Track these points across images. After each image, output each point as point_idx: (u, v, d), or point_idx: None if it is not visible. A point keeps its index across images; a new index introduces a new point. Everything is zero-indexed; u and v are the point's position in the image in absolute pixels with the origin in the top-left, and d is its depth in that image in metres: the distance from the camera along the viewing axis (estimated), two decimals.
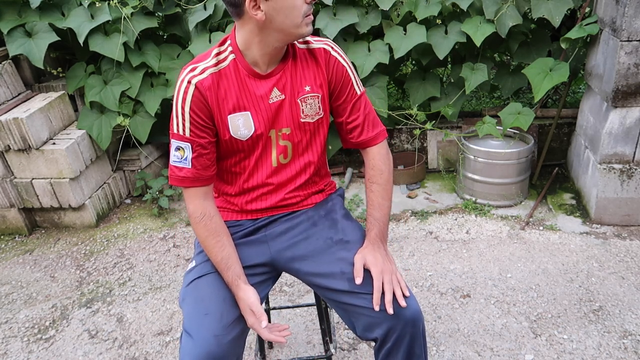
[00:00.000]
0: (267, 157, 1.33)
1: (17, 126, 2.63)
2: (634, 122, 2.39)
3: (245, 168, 1.34)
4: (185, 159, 1.23)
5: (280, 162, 1.34)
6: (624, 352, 1.82)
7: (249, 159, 1.32)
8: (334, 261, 1.31)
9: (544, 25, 2.92)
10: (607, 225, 2.57)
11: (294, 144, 1.33)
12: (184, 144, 1.23)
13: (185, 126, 1.22)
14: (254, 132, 1.27)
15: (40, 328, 2.18)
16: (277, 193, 1.38)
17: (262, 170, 1.34)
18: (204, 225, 1.27)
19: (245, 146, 1.29)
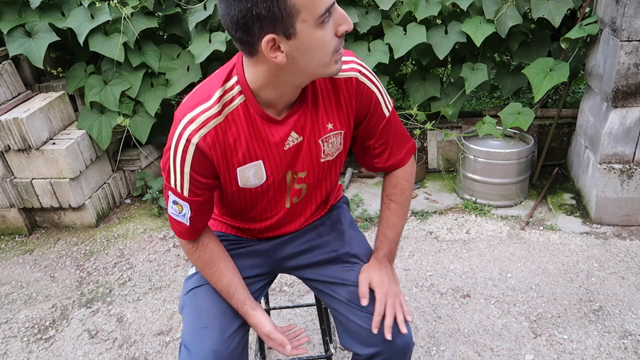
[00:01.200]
0: (280, 200, 1.20)
1: (17, 126, 2.63)
2: (634, 122, 2.39)
3: (254, 208, 1.22)
4: (184, 215, 1.12)
5: (294, 202, 1.23)
6: (624, 352, 1.82)
7: (258, 203, 1.21)
8: (337, 273, 1.27)
9: (544, 25, 2.92)
10: (607, 225, 2.57)
11: (309, 185, 1.20)
12: (182, 203, 1.10)
13: (184, 187, 1.08)
14: (266, 181, 1.12)
15: (40, 328, 2.18)
16: (289, 226, 1.30)
17: (273, 211, 1.24)
18: (198, 257, 1.19)
19: (254, 193, 1.16)
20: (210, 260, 1.19)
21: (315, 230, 1.34)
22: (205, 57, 2.74)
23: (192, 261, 1.22)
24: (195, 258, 1.20)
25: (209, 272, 1.19)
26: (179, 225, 1.14)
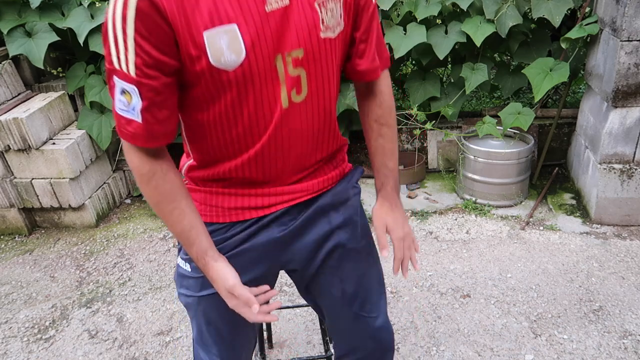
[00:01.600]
0: (273, 95, 0.90)
1: (17, 126, 2.63)
2: (634, 122, 2.39)
3: (237, 119, 0.91)
4: (133, 108, 0.85)
5: (293, 99, 0.92)
6: (624, 352, 1.82)
7: (243, 103, 0.89)
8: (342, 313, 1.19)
9: (544, 25, 2.92)
10: (607, 225, 2.57)
11: (309, 73, 0.92)
12: (130, 87, 0.84)
13: (129, 60, 0.81)
14: (246, 56, 0.84)
15: (40, 328, 2.18)
16: (294, 151, 0.99)
17: (267, 113, 0.92)
18: (155, 187, 0.93)
19: (234, 81, 0.86)
20: (170, 192, 0.94)
21: (335, 235, 1.10)
22: None
23: (146, 194, 0.95)
24: (151, 189, 0.93)
25: (167, 209, 0.95)
26: (129, 125, 0.87)
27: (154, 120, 0.87)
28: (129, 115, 0.86)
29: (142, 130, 0.87)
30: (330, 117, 1.03)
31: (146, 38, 0.80)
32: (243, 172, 0.99)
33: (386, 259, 1.15)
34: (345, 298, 1.14)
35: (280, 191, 1.03)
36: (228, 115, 0.91)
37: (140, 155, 0.91)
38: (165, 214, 0.96)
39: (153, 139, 0.89)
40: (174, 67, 0.84)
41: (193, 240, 0.97)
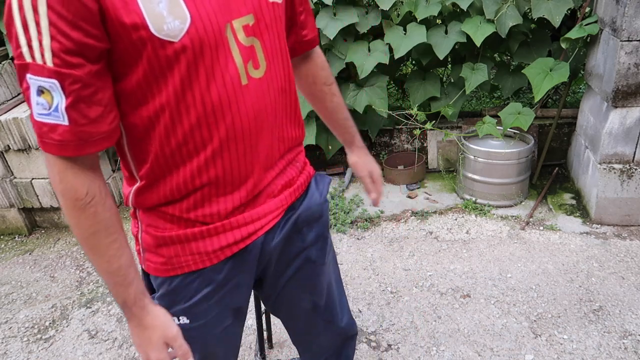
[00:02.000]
0: (227, 69, 0.78)
1: (17, 126, 2.63)
2: (634, 122, 2.39)
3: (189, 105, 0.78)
4: (56, 109, 0.70)
5: (252, 74, 0.82)
6: (624, 352, 1.82)
7: (194, 82, 0.77)
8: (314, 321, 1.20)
9: (544, 25, 2.92)
10: (607, 225, 2.57)
11: (263, 43, 0.83)
12: (48, 82, 0.68)
13: (44, 46, 0.66)
14: (191, 22, 0.73)
15: (40, 328, 2.18)
16: (262, 140, 0.88)
17: (223, 97, 0.79)
18: (93, 215, 0.77)
19: (182, 53, 0.74)
20: (110, 221, 0.80)
21: (304, 251, 1.06)
22: None
23: (80, 224, 0.78)
24: (88, 217, 0.77)
25: (105, 242, 0.79)
26: (53, 132, 0.71)
27: (84, 120, 0.72)
28: (51, 119, 0.70)
29: (70, 134, 0.71)
30: (292, 100, 0.95)
31: (63, 16, 0.65)
32: (209, 175, 0.84)
33: (386, 260, 1.15)
34: (317, 310, 1.16)
35: (261, 213, 0.93)
36: (178, 102, 0.77)
37: (74, 172, 0.75)
38: (102, 248, 0.80)
39: (86, 144, 0.73)
40: (101, 49, 0.70)
41: (131, 279, 0.83)
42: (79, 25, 0.67)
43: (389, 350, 1.91)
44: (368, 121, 3.08)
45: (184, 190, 0.85)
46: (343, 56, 2.81)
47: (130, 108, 0.78)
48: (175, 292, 0.92)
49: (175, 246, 0.90)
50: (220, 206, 0.88)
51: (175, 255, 0.90)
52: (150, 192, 0.87)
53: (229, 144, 0.83)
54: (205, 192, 0.86)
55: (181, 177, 0.84)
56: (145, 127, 0.80)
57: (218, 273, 0.93)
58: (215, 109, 0.79)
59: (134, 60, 0.73)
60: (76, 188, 0.76)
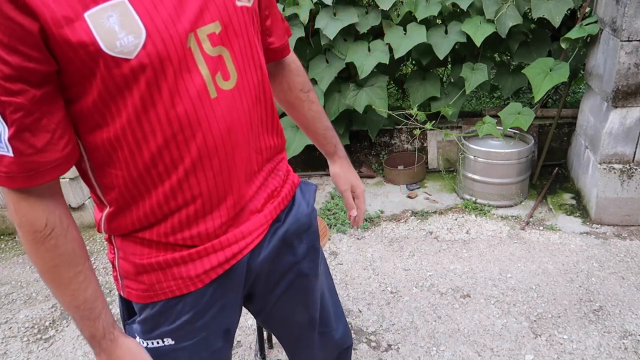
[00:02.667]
0: (193, 84, 0.72)
1: None
2: (634, 122, 2.39)
3: (153, 124, 0.71)
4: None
5: (221, 86, 0.76)
6: (624, 352, 1.82)
7: (157, 100, 0.70)
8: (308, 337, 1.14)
9: (544, 25, 2.92)
10: (607, 225, 2.57)
11: (233, 52, 0.77)
12: None
13: None
14: (147, 35, 0.66)
15: (40, 328, 2.18)
16: (238, 153, 0.81)
17: (190, 114, 0.73)
18: (54, 248, 0.72)
19: (139, 71, 0.67)
20: (73, 253, 0.74)
21: (294, 265, 1.00)
22: None
23: (40, 256, 0.73)
24: (48, 250, 0.72)
25: (68, 276, 0.75)
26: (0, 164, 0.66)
27: (30, 149, 0.66)
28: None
29: (17, 166, 0.66)
30: (269, 108, 0.89)
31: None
32: (184, 196, 0.78)
33: (386, 260, 1.15)
34: (312, 323, 1.11)
35: (245, 231, 0.87)
36: (140, 122, 0.71)
37: (30, 203, 0.69)
38: (64, 281, 0.75)
39: (37, 174, 0.68)
40: (45, 72, 0.64)
41: (99, 312, 0.78)
42: (17, 49, 0.61)
43: (389, 350, 1.91)
44: (368, 121, 3.08)
45: (159, 214, 0.79)
46: (343, 56, 2.81)
47: (89, 131, 0.72)
48: (158, 316, 0.87)
49: (157, 273, 0.83)
50: (201, 227, 0.82)
51: (157, 282, 0.84)
52: (122, 218, 0.80)
53: (203, 162, 0.77)
54: (182, 214, 0.80)
55: (154, 200, 0.78)
56: (107, 150, 0.73)
57: (202, 296, 0.87)
58: (183, 127, 0.73)
59: (86, 81, 0.67)
60: (33, 220, 0.70)
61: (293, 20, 2.78)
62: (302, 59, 2.97)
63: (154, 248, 0.82)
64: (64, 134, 0.69)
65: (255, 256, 0.91)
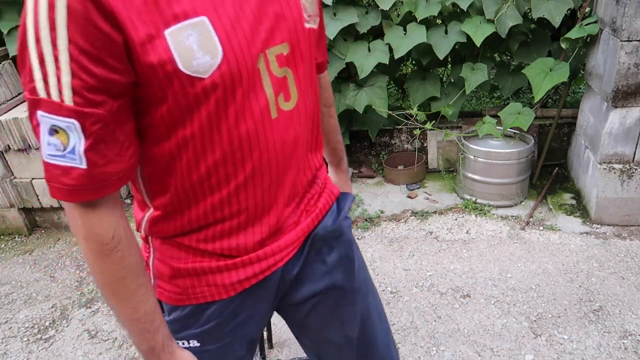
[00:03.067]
0: (258, 105, 0.73)
1: (17, 126, 2.63)
2: (634, 122, 2.39)
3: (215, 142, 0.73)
4: (72, 151, 0.63)
5: (282, 107, 0.77)
6: (624, 352, 1.82)
7: (222, 119, 0.71)
8: None
9: (544, 25, 2.92)
10: (607, 225, 2.57)
11: (296, 73, 0.78)
12: (65, 122, 0.61)
13: (63, 84, 0.59)
14: (223, 56, 0.67)
15: (40, 328, 2.18)
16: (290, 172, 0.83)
17: (251, 134, 0.74)
18: (120, 260, 0.70)
19: (211, 91, 0.68)
20: (137, 264, 0.73)
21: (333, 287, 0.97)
22: None
23: (105, 269, 0.71)
24: (114, 262, 0.70)
25: (132, 287, 0.73)
26: (66, 175, 0.64)
27: (102, 160, 0.65)
28: (65, 162, 0.63)
29: (87, 178, 0.64)
30: (317, 126, 0.91)
31: (85, 50, 0.58)
32: (230, 209, 0.79)
33: (386, 260, 1.15)
34: (350, 343, 1.02)
35: (282, 245, 0.87)
36: (203, 139, 0.71)
37: (98, 215, 0.68)
38: (128, 294, 0.72)
39: (104, 185, 0.66)
40: (126, 84, 0.64)
41: (158, 325, 0.77)
42: (103, 60, 0.60)
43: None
44: (368, 121, 3.08)
45: (203, 222, 0.80)
46: (343, 56, 2.81)
47: (151, 142, 0.72)
48: (187, 319, 0.88)
49: (192, 278, 0.84)
50: (240, 240, 0.82)
51: (191, 287, 0.85)
52: (166, 223, 0.81)
53: (254, 178, 0.78)
54: (225, 225, 0.81)
55: (201, 210, 0.79)
56: (165, 160, 0.74)
57: (233, 303, 0.88)
58: (243, 145, 0.74)
59: (158, 96, 0.67)
60: (100, 233, 0.68)
61: None
62: None
63: (191, 254, 0.83)
64: (130, 145, 0.69)
65: (289, 267, 0.91)
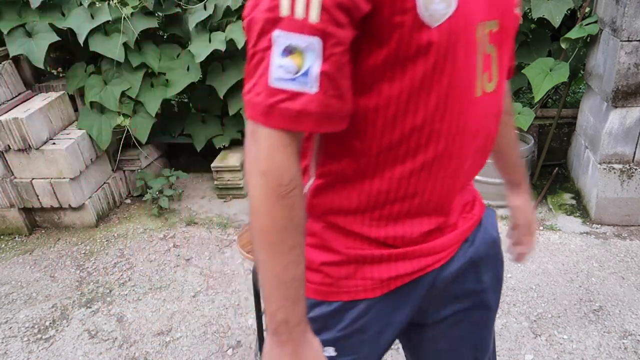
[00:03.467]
0: (467, 77, 0.68)
1: (17, 126, 2.63)
2: (634, 122, 2.39)
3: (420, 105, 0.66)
4: (306, 73, 0.58)
5: (485, 88, 0.72)
6: (624, 352, 1.82)
7: (435, 82, 0.65)
8: None
9: (544, 25, 2.92)
10: (607, 225, 2.57)
11: (499, 55, 0.74)
12: (305, 41, 0.58)
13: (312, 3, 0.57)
14: (455, 10, 0.63)
15: (40, 328, 2.18)
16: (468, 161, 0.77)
17: (454, 108, 0.68)
18: (290, 207, 0.63)
19: (435, 44, 0.63)
20: (301, 220, 0.65)
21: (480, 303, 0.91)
22: (205, 56, 2.74)
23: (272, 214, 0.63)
24: (284, 208, 0.63)
25: (289, 244, 0.64)
26: (293, 101, 0.59)
27: (334, 91, 0.60)
28: (294, 86, 0.58)
29: (315, 105, 0.59)
30: (498, 124, 0.82)
31: None
32: (407, 190, 0.71)
33: None
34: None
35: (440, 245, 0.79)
36: (409, 99, 0.65)
37: (287, 153, 0.62)
38: (284, 249, 0.65)
39: (327, 120, 0.61)
40: (365, 13, 0.59)
41: (301, 297, 0.68)
42: None
43: (388, 350, 1.90)
44: None
45: (372, 201, 0.72)
46: None
47: (356, 89, 0.65)
48: (330, 317, 0.78)
49: (348, 267, 0.76)
50: (406, 229, 0.75)
51: (345, 277, 0.76)
52: (329, 195, 0.73)
53: (442, 160, 0.71)
54: (395, 208, 0.73)
55: (375, 185, 0.71)
56: (358, 118, 0.66)
57: (378, 305, 0.79)
58: (445, 116, 0.67)
59: (382, 37, 0.62)
60: (283, 171, 0.62)
61: None
62: None
63: (352, 238, 0.75)
64: (350, 88, 0.63)
65: (443, 273, 0.83)
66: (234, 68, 2.92)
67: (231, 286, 2.33)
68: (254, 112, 0.61)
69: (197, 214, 2.97)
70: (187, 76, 2.91)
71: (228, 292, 2.30)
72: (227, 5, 2.81)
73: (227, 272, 2.44)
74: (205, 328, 2.09)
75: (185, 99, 3.52)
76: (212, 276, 2.42)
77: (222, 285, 2.34)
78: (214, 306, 2.22)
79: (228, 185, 3.07)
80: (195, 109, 3.28)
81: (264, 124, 0.61)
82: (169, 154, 3.43)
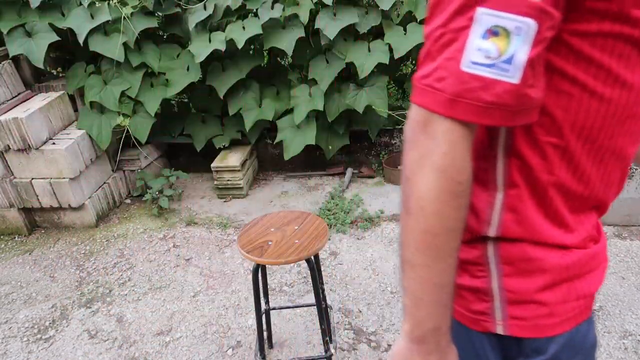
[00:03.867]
0: None
1: (16, 126, 2.63)
2: None
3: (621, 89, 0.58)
4: (509, 60, 0.51)
5: None
6: (624, 352, 1.82)
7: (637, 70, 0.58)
8: None
9: None
10: (607, 225, 2.57)
11: None
12: (518, 21, 0.50)
13: None
14: None
15: (40, 328, 2.18)
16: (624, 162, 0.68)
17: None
18: (460, 208, 0.58)
19: None
20: (462, 226, 0.60)
21: None
22: (205, 56, 2.74)
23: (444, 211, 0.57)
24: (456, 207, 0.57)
25: (451, 245, 0.59)
26: (488, 89, 0.52)
27: (532, 80, 0.53)
28: (492, 73, 0.51)
29: (511, 97, 0.52)
30: None
31: None
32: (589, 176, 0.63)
33: (386, 260, 1.14)
34: None
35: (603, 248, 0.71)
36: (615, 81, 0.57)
37: (466, 149, 0.56)
38: (446, 251, 0.59)
39: (520, 113, 0.54)
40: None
41: (452, 305, 0.63)
42: None
43: (389, 350, 1.90)
44: (368, 121, 3.07)
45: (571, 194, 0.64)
46: (343, 56, 2.81)
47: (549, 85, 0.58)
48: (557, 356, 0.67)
49: (561, 286, 0.66)
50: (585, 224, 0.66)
51: (562, 301, 0.67)
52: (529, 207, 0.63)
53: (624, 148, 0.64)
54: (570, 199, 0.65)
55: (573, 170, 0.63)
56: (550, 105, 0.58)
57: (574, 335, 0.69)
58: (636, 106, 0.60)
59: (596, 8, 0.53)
60: (461, 169, 0.55)
61: (293, 20, 2.78)
62: (302, 59, 2.97)
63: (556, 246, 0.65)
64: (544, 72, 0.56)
65: None
66: (234, 68, 2.92)
67: (231, 286, 2.34)
68: (433, 100, 0.53)
69: (197, 214, 2.98)
70: (187, 76, 2.91)
71: (228, 292, 2.30)
72: (227, 5, 2.81)
73: (227, 272, 2.44)
74: (205, 328, 2.09)
75: (185, 99, 3.53)
76: (212, 276, 2.42)
77: (222, 285, 2.35)
78: (213, 306, 2.22)
79: (228, 185, 3.08)
80: (195, 109, 3.29)
81: (444, 114, 0.53)
82: (169, 154, 3.44)
